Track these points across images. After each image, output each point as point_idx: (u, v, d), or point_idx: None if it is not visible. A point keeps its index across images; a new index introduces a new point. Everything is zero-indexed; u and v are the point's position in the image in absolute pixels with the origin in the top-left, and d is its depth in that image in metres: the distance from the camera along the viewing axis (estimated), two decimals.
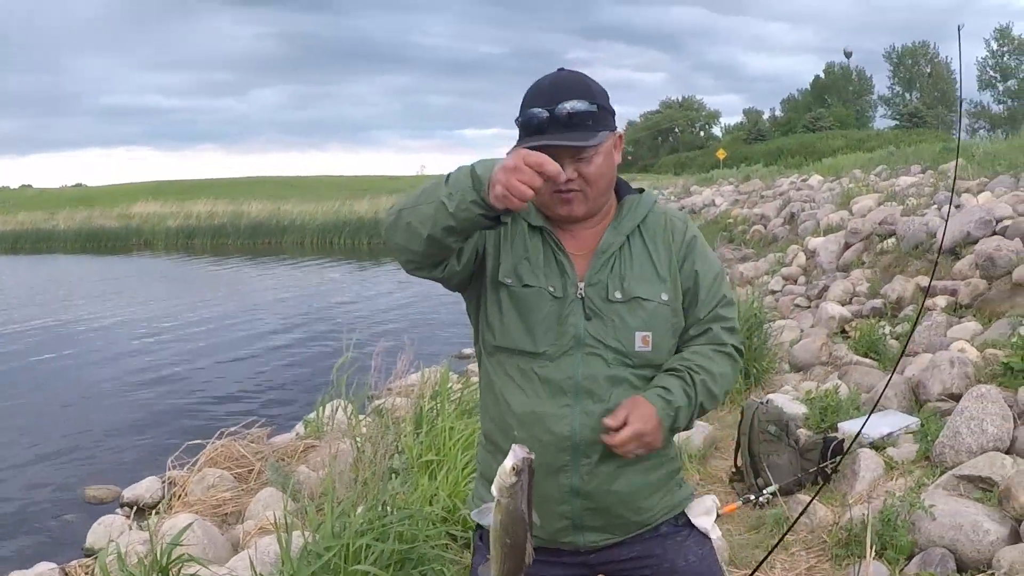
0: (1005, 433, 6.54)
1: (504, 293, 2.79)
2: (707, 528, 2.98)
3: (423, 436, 6.59)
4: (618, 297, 2.75)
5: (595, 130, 2.65)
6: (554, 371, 2.73)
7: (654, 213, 2.89)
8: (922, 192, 16.53)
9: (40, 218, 61.12)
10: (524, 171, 2.32)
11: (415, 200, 2.59)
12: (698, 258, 2.87)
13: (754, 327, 10.00)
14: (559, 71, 2.78)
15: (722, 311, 2.88)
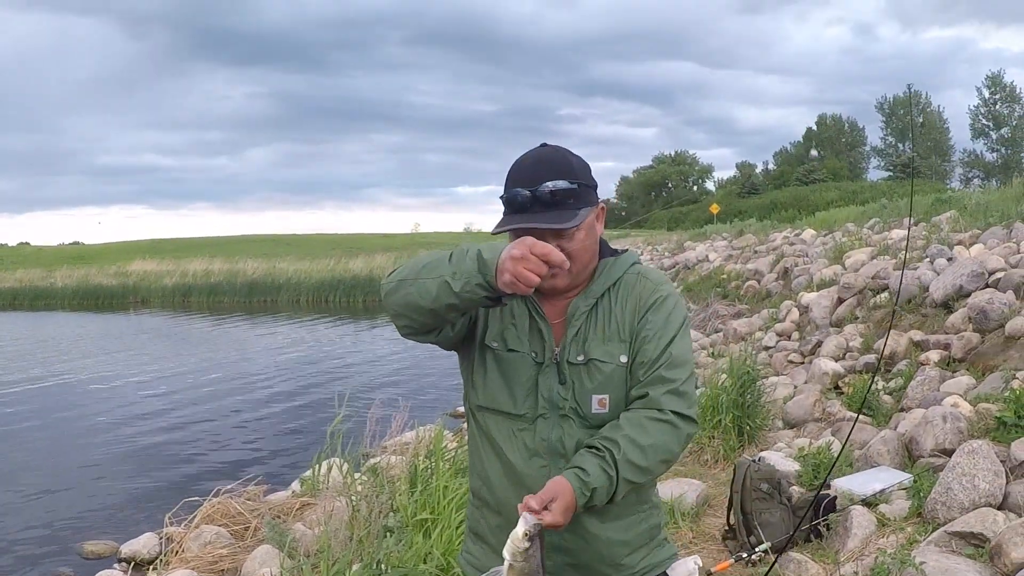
0: (997, 489, 6.57)
1: (490, 356, 2.87)
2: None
3: (418, 495, 6.62)
4: (579, 360, 2.80)
5: (576, 208, 2.72)
6: (531, 433, 2.81)
7: (628, 275, 2.92)
8: (915, 245, 16.57)
9: (38, 275, 61.28)
10: (531, 260, 2.43)
11: (416, 273, 2.68)
12: (653, 315, 2.84)
13: (747, 384, 10.03)
14: (542, 147, 2.85)
15: (667, 372, 2.78)
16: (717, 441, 9.70)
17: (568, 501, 2.57)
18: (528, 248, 2.44)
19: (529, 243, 2.46)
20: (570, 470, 2.65)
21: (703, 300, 23.84)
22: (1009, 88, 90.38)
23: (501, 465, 2.86)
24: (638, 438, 2.68)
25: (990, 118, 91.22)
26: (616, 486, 2.67)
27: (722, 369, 11.05)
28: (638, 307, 2.85)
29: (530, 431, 2.81)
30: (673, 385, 2.78)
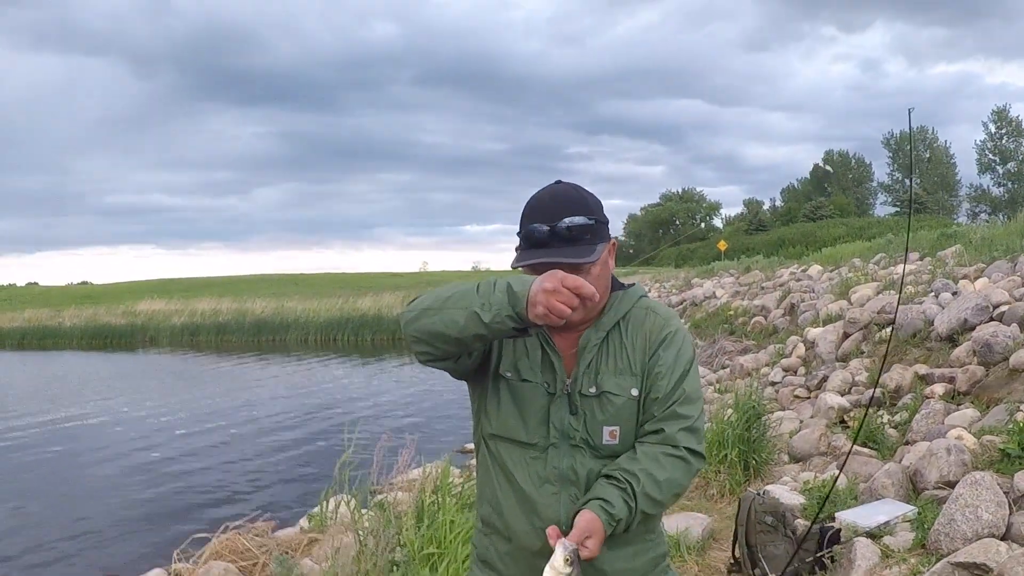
0: (1000, 519, 6.60)
1: (503, 385, 2.94)
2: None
3: (424, 529, 6.68)
4: (592, 392, 2.88)
5: (593, 243, 2.81)
6: (542, 462, 2.87)
7: (637, 308, 3.00)
8: (920, 280, 16.63)
9: (46, 315, 61.48)
10: (563, 293, 2.49)
11: (442, 303, 2.74)
12: (664, 351, 2.93)
13: (752, 419, 10.08)
14: (557, 183, 2.94)
15: (680, 409, 2.88)
16: (723, 475, 9.74)
17: (602, 535, 2.68)
18: (560, 281, 2.50)
19: (560, 276, 2.52)
20: (595, 502, 2.73)
21: (710, 336, 23.86)
22: (1015, 123, 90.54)
23: (513, 492, 2.92)
24: (655, 473, 2.78)
25: (996, 152, 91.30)
26: (634, 517, 2.77)
27: (728, 404, 11.09)
28: (649, 342, 2.93)
29: (542, 459, 2.87)
30: (688, 423, 2.88)
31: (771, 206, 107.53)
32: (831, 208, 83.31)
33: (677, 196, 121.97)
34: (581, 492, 2.84)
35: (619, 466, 2.82)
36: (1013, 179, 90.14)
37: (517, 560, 2.96)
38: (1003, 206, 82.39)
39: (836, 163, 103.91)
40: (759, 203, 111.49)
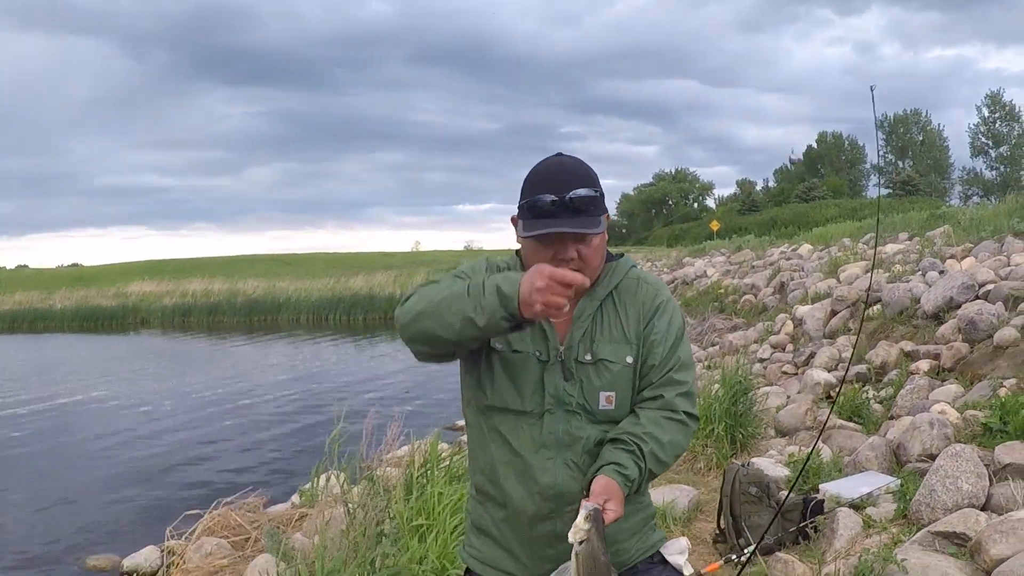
0: (980, 490, 6.71)
1: (496, 358, 3.01)
2: (680, 564, 3.19)
3: (413, 501, 6.77)
4: (587, 359, 2.97)
5: (596, 215, 2.90)
6: (538, 427, 2.95)
7: (628, 279, 3.10)
8: (908, 259, 16.73)
9: (37, 298, 61.29)
10: (555, 287, 2.58)
11: (435, 307, 2.82)
12: (659, 320, 3.04)
13: (739, 394, 10.17)
14: (559, 156, 3.01)
15: (676, 375, 3.01)
16: (710, 449, 9.83)
17: (620, 496, 2.78)
18: (548, 277, 2.59)
19: (548, 272, 2.61)
20: (609, 467, 2.84)
21: (700, 314, 23.95)
22: (1009, 107, 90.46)
23: (509, 458, 3.00)
24: (659, 435, 2.91)
25: (989, 136, 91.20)
26: (643, 477, 2.89)
27: (716, 380, 11.18)
28: (642, 312, 3.04)
29: (537, 425, 2.96)
30: (684, 388, 3.03)
31: (764, 187, 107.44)
32: (824, 189, 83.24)
33: (670, 176, 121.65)
34: (576, 456, 2.93)
35: (624, 430, 2.93)
36: (1005, 163, 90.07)
37: (513, 525, 3.04)
38: (995, 189, 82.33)
39: (829, 145, 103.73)
40: (752, 184, 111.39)
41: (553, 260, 2.88)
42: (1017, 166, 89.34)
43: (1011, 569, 5.28)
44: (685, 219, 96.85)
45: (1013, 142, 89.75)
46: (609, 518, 2.69)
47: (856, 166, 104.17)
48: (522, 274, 2.66)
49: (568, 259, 2.89)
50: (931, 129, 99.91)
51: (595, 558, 2.62)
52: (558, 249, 2.89)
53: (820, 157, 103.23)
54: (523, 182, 2.98)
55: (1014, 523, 5.69)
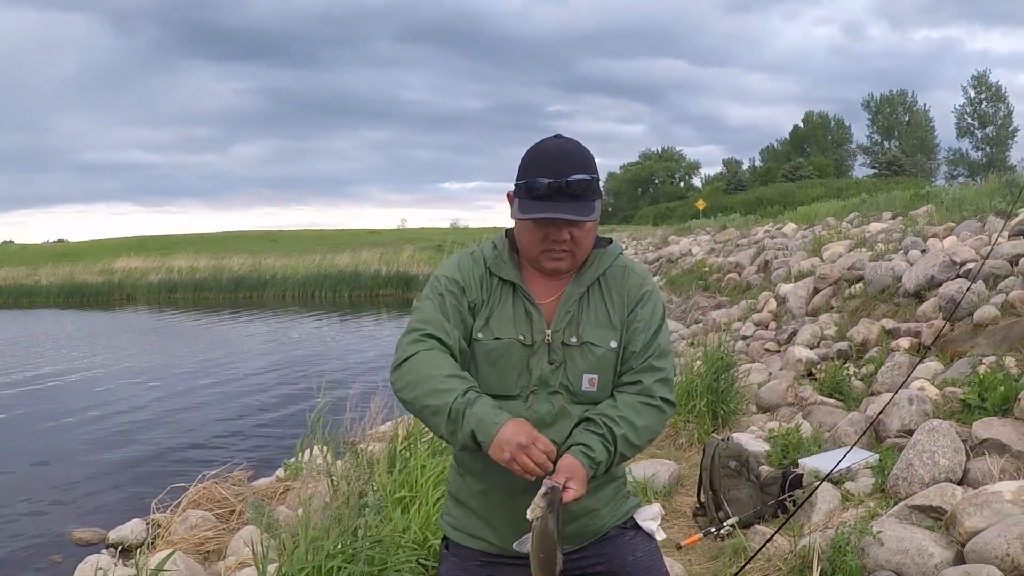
0: (957, 465, 6.81)
1: (478, 347, 3.08)
2: (652, 530, 3.27)
3: (396, 474, 6.83)
4: (572, 341, 3.05)
5: (592, 199, 2.95)
6: (522, 408, 3.01)
7: (615, 266, 3.18)
8: (891, 238, 16.80)
9: (22, 274, 60.89)
10: (533, 451, 2.73)
11: (419, 411, 2.93)
12: (642, 309, 3.12)
13: (721, 370, 10.24)
14: (557, 137, 3.06)
15: (656, 362, 3.09)
16: (692, 425, 9.89)
17: (582, 476, 2.84)
18: (532, 440, 2.74)
19: (534, 436, 2.75)
20: (575, 448, 2.92)
21: (685, 292, 24.03)
22: (994, 88, 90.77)
23: None
24: (634, 420, 2.99)
25: (975, 117, 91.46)
26: (613, 459, 2.96)
27: (698, 357, 11.25)
28: (627, 299, 3.13)
29: (522, 406, 3.02)
30: (662, 374, 3.11)
31: (750, 166, 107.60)
32: (810, 169, 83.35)
33: (657, 155, 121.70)
34: (556, 435, 2.98)
35: (600, 412, 3.01)
36: (991, 143, 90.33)
37: (491, 498, 3.11)
38: (980, 169, 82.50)
39: (815, 124, 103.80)
40: (738, 163, 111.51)
41: (546, 241, 2.97)
42: (1003, 146, 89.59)
43: (985, 541, 5.36)
44: (671, 198, 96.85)
45: (999, 123, 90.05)
46: (569, 496, 2.77)
47: (842, 146, 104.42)
48: (502, 423, 2.76)
49: (561, 241, 2.97)
50: (917, 110, 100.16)
51: (548, 534, 2.73)
52: (551, 231, 2.96)
53: (806, 137, 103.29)
54: (521, 160, 3.03)
55: (988, 496, 5.78)
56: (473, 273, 3.12)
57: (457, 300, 3.07)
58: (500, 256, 3.15)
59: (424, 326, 3.02)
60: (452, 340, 3.00)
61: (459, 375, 2.90)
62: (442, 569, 3.32)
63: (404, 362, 2.98)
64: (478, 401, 2.81)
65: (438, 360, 2.92)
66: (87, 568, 7.80)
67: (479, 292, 3.10)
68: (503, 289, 3.11)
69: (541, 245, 3.00)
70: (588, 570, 3.18)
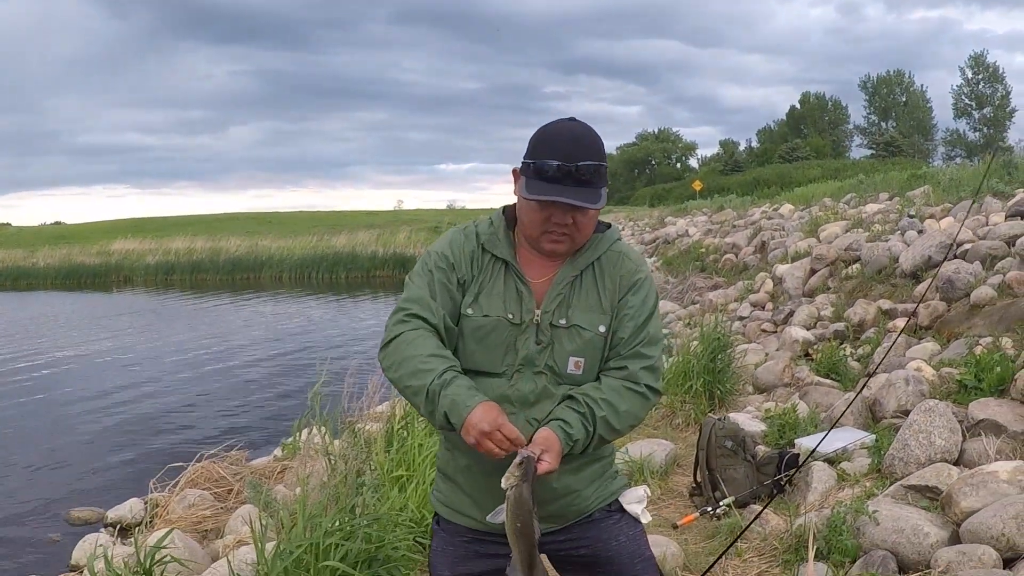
0: (953, 445, 6.81)
1: (467, 323, 3.09)
2: (637, 514, 3.27)
3: (393, 453, 6.85)
4: (562, 323, 3.06)
5: (600, 186, 2.95)
6: (507, 386, 3.03)
7: (611, 251, 3.17)
8: (888, 218, 16.80)
9: (19, 256, 60.96)
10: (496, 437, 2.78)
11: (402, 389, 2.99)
12: (633, 295, 3.12)
13: (717, 350, 10.24)
14: (571, 120, 3.05)
15: (644, 349, 3.10)
16: (688, 405, 9.89)
17: (558, 450, 2.88)
18: (497, 428, 2.77)
19: (499, 423, 2.78)
20: (555, 422, 2.94)
21: (681, 273, 24.02)
22: (992, 68, 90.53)
23: None
24: (616, 404, 3.00)
25: (973, 98, 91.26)
26: (591, 440, 2.97)
27: (694, 337, 11.25)
28: (620, 285, 3.12)
29: (507, 384, 3.03)
30: (649, 362, 3.11)
31: (747, 147, 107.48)
32: (807, 150, 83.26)
33: (653, 136, 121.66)
34: (538, 415, 3.01)
35: (583, 392, 3.02)
36: (988, 124, 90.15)
37: (475, 474, 3.13)
38: (978, 150, 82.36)
39: (812, 105, 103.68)
40: (735, 144, 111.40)
41: (548, 223, 2.98)
42: (1000, 127, 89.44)
43: (980, 521, 5.37)
44: (668, 179, 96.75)
45: (996, 104, 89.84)
46: (543, 468, 2.81)
47: (839, 127, 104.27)
48: (473, 406, 2.81)
49: (563, 224, 2.98)
50: (914, 90, 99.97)
51: (523, 502, 2.76)
52: (555, 214, 2.96)
53: (803, 117, 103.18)
54: (531, 138, 3.03)
55: (984, 476, 5.79)
56: (464, 249, 3.13)
57: (446, 276, 3.08)
58: (495, 233, 3.15)
59: (410, 305, 3.05)
60: (437, 319, 3.02)
61: (440, 355, 2.94)
62: (433, 544, 3.35)
63: (390, 342, 3.02)
64: (453, 382, 2.85)
65: (421, 340, 2.96)
66: (86, 547, 7.84)
67: (469, 268, 3.11)
68: (495, 266, 3.12)
69: (543, 226, 3.00)
70: (572, 553, 3.21)
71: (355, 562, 4.77)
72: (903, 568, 5.45)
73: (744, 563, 6.04)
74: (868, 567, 5.41)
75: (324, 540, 4.73)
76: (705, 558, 6.25)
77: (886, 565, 5.40)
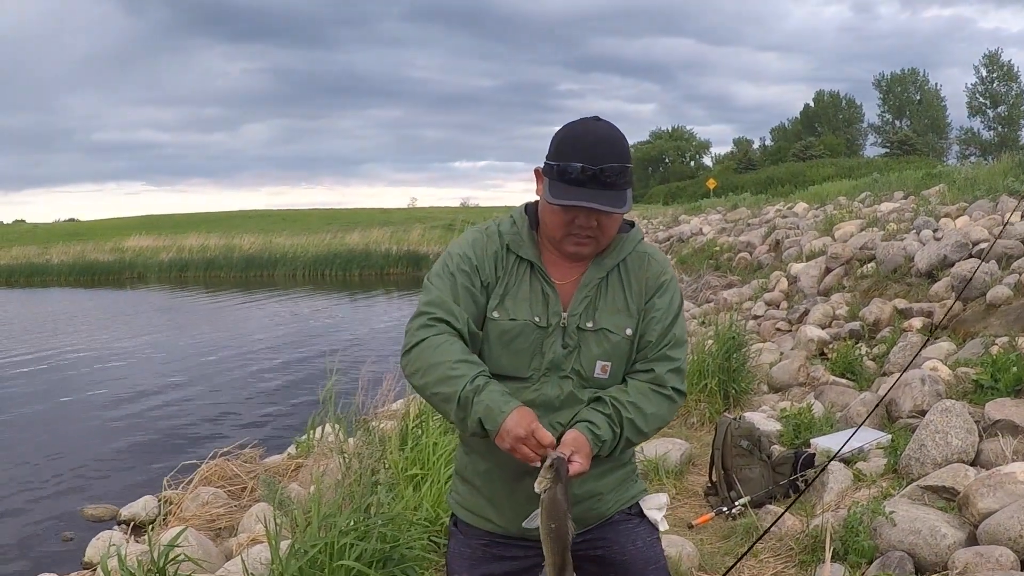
0: (970, 446, 6.77)
1: (493, 326, 3.02)
2: (656, 520, 3.23)
3: (408, 452, 6.84)
4: (589, 326, 3.00)
5: (624, 188, 2.88)
6: (532, 391, 2.98)
7: (636, 252, 3.12)
8: (903, 217, 16.76)
9: (33, 252, 61.15)
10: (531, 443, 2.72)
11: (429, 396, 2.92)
12: (660, 297, 3.07)
13: (732, 349, 10.21)
14: (596, 120, 2.96)
15: (670, 352, 3.05)
16: (703, 404, 9.87)
17: (587, 451, 2.84)
18: (532, 433, 2.71)
19: (533, 428, 2.72)
20: (581, 424, 2.90)
21: (695, 272, 23.98)
22: (1007, 67, 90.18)
23: None
24: (643, 406, 2.96)
25: (987, 96, 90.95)
26: (619, 442, 2.93)
27: (709, 336, 11.23)
28: (646, 287, 3.07)
29: (532, 389, 2.99)
30: (676, 364, 3.07)
31: (761, 145, 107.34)
32: (821, 148, 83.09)
33: (667, 134, 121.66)
34: (563, 419, 2.96)
35: (610, 394, 2.97)
36: (1003, 123, 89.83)
37: (495, 478, 3.09)
38: (992, 149, 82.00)
39: (826, 104, 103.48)
40: (749, 142, 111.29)
41: (572, 226, 2.92)
42: (1015, 126, 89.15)
43: (998, 523, 5.33)
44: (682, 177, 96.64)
45: (1011, 102, 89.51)
46: (574, 469, 2.75)
47: (853, 125, 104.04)
48: (508, 412, 2.74)
49: (588, 227, 2.92)
50: (928, 88, 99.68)
51: (557, 503, 2.71)
52: (579, 217, 2.90)
53: (817, 116, 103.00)
54: (555, 137, 2.96)
55: (1002, 477, 5.75)
56: (487, 250, 3.06)
57: (469, 280, 3.01)
58: (519, 233, 3.08)
59: (433, 309, 2.97)
60: (461, 323, 2.95)
61: (468, 360, 2.86)
62: (450, 546, 3.31)
63: (413, 347, 2.94)
64: (486, 388, 2.78)
65: (447, 345, 2.88)
66: (99, 544, 7.84)
67: (493, 271, 3.04)
68: (520, 267, 3.05)
69: (566, 229, 2.93)
70: (588, 553, 3.15)
71: (370, 561, 4.76)
72: (920, 569, 5.41)
73: (760, 563, 6.02)
74: (885, 568, 5.38)
75: (339, 540, 4.72)
76: (720, 558, 6.23)
77: (903, 566, 5.37)
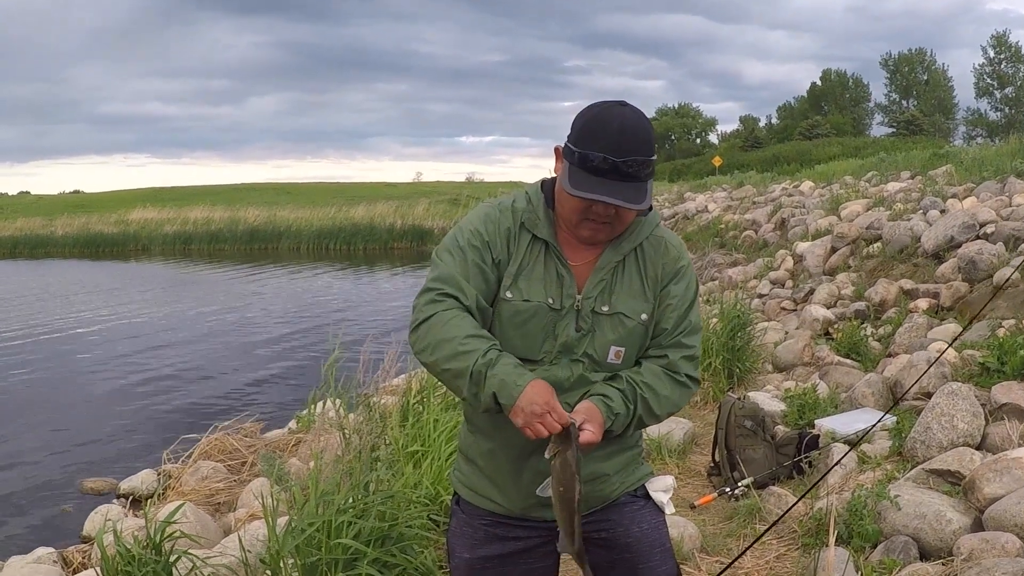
0: (976, 429, 6.71)
1: (505, 307, 2.95)
2: (663, 503, 3.18)
3: (409, 428, 6.80)
4: (604, 310, 2.94)
5: (647, 180, 2.81)
6: (542, 372, 2.90)
7: (653, 236, 3.05)
8: (909, 197, 16.69)
9: (38, 224, 61.16)
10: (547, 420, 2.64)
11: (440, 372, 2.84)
12: (676, 285, 3.01)
13: (737, 328, 10.16)
14: (622, 106, 2.85)
15: (685, 339, 3.01)
16: (707, 383, 9.83)
17: (600, 420, 2.79)
18: (549, 410, 2.64)
19: (551, 406, 2.65)
20: (595, 396, 2.86)
21: (700, 249, 23.91)
22: (1014, 48, 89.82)
23: None
24: (657, 388, 2.93)
25: (995, 77, 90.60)
26: (632, 418, 2.90)
27: (714, 314, 11.18)
28: (663, 273, 3.02)
29: (543, 372, 2.91)
30: (690, 351, 3.04)
31: (767, 123, 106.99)
32: (827, 127, 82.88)
33: (673, 111, 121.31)
34: (572, 400, 2.90)
35: (624, 374, 2.94)
36: (1010, 104, 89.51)
37: (499, 458, 3.04)
38: (1000, 130, 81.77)
39: (833, 83, 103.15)
40: (755, 120, 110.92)
41: (589, 211, 2.84)
42: (1022, 107, 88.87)
43: (1004, 508, 5.28)
44: (688, 154, 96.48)
45: (1019, 83, 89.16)
46: (585, 438, 2.71)
47: (860, 104, 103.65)
48: (524, 385, 2.69)
49: (605, 214, 2.85)
50: (936, 69, 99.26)
51: (567, 466, 2.68)
52: (597, 205, 2.81)
53: (824, 95, 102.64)
54: (577, 119, 2.87)
55: (1008, 462, 5.69)
56: (500, 226, 2.98)
57: (479, 256, 2.93)
58: (535, 211, 2.99)
59: (441, 285, 2.90)
60: (470, 299, 2.87)
61: (479, 334, 2.80)
62: (452, 525, 3.28)
63: (422, 323, 2.87)
64: (499, 361, 2.72)
65: (457, 320, 2.81)
66: (97, 518, 7.82)
67: (504, 248, 2.96)
68: (534, 247, 2.97)
69: (582, 215, 2.86)
70: (594, 535, 3.09)
71: (368, 540, 4.71)
72: (925, 554, 5.36)
73: (762, 546, 5.97)
74: (889, 552, 5.33)
75: (337, 518, 4.67)
76: (723, 539, 6.20)
77: (908, 551, 5.32)
